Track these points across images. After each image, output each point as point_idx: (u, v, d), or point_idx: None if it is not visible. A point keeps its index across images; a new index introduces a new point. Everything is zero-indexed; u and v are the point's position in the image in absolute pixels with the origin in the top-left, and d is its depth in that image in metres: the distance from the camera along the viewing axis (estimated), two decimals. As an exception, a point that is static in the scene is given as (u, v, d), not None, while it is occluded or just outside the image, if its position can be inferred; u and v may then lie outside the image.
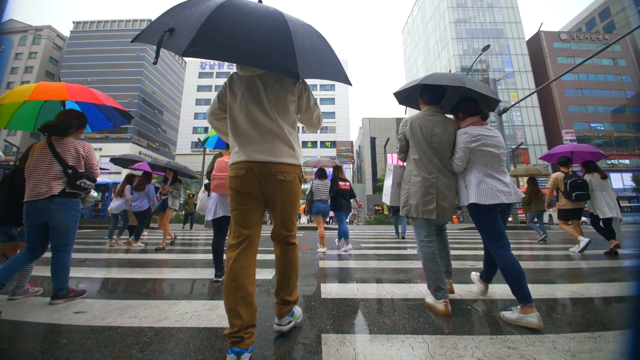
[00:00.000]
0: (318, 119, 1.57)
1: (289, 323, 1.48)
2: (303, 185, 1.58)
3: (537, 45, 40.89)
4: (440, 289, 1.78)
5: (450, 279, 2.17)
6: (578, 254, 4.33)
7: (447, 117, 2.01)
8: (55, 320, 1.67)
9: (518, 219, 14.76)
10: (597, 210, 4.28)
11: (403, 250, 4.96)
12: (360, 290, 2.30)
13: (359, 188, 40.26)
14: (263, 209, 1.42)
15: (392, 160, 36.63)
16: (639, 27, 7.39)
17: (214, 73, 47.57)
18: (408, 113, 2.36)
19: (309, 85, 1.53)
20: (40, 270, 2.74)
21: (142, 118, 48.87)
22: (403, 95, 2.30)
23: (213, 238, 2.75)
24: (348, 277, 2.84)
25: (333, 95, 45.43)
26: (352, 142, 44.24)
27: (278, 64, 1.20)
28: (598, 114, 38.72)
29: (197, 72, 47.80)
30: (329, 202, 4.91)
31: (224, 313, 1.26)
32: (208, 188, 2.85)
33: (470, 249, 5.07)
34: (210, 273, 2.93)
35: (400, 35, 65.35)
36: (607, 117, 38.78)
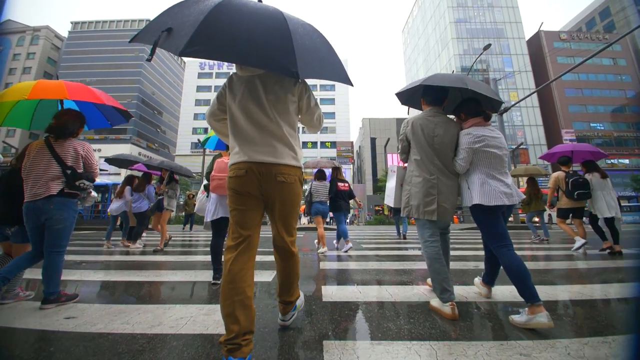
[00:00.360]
0: (319, 120, 1.55)
1: (292, 317, 1.56)
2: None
3: (537, 45, 40.87)
4: (447, 291, 1.72)
5: None
6: (581, 254, 4.32)
7: (449, 118, 1.99)
8: (44, 326, 1.60)
9: (519, 219, 14.72)
10: (596, 210, 4.28)
11: (404, 251, 4.89)
12: (362, 293, 2.23)
13: (359, 188, 40.19)
14: (263, 210, 1.39)
15: (392, 161, 36.63)
16: (639, 26, 7.36)
17: (214, 73, 47.47)
18: (411, 113, 2.36)
19: (309, 86, 1.51)
20: (33, 273, 2.66)
21: (141, 119, 48.74)
22: (406, 96, 2.28)
23: (212, 239, 2.69)
24: (349, 279, 2.77)
25: (333, 96, 45.36)
26: (352, 142, 44.16)
27: (277, 64, 1.17)
28: (598, 114, 38.70)
29: (196, 72, 47.68)
30: (328, 203, 4.91)
31: (221, 318, 1.19)
32: (207, 189, 2.81)
33: (471, 249, 5.01)
34: (209, 275, 2.85)
35: (401, 35, 65.43)
36: (606, 116, 38.76)
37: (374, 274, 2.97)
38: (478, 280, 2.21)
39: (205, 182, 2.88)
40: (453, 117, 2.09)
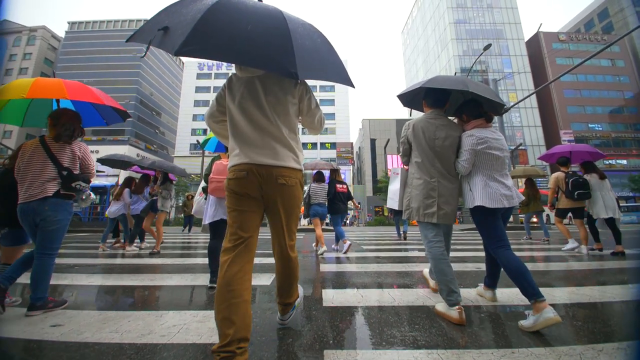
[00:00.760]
0: (320, 122, 1.53)
1: (291, 316, 1.56)
2: None
3: (536, 46, 40.99)
4: (453, 293, 1.66)
5: None
6: (585, 255, 4.29)
7: (450, 120, 1.98)
8: (29, 335, 1.51)
9: (518, 219, 14.69)
10: (593, 211, 4.31)
11: (405, 252, 4.81)
12: (364, 297, 2.14)
13: (359, 189, 40.13)
14: (263, 212, 1.36)
15: (392, 162, 36.59)
16: (638, 27, 7.35)
17: (213, 74, 47.32)
18: (413, 115, 2.32)
19: (310, 87, 1.49)
20: (21, 277, 2.55)
21: (139, 120, 48.43)
22: (408, 98, 2.28)
23: (210, 241, 2.62)
24: (350, 282, 2.69)
25: (333, 97, 45.30)
26: (352, 143, 44.10)
27: (276, 64, 1.14)
28: (596, 115, 38.81)
29: (195, 73, 47.50)
30: (326, 204, 4.93)
31: (216, 326, 1.11)
32: (206, 191, 2.74)
33: (471, 250, 4.92)
34: (206, 279, 2.77)
35: (400, 36, 65.57)
36: (605, 117, 38.88)
37: (375, 277, 2.89)
38: (480, 288, 2.16)
39: (204, 184, 2.82)
40: (454, 119, 2.08)
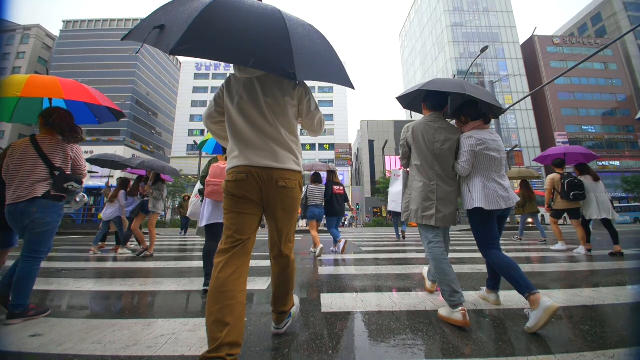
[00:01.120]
0: (320, 124, 1.52)
1: (287, 324, 1.49)
2: None
3: (531, 49, 41.48)
4: (456, 293, 1.63)
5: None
6: (583, 255, 4.29)
7: (450, 123, 2.00)
8: (4, 346, 1.40)
9: (515, 220, 14.73)
10: (586, 212, 4.36)
11: (405, 254, 4.74)
12: (364, 302, 2.06)
13: (358, 191, 40.08)
14: (260, 217, 1.33)
15: (390, 164, 36.67)
16: (630, 31, 7.45)
17: (210, 74, 47.06)
18: (414, 117, 2.30)
19: (309, 88, 1.46)
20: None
21: (135, 120, 47.90)
22: (407, 100, 2.30)
23: (205, 243, 2.53)
24: (349, 285, 2.60)
25: (331, 98, 45.29)
26: (350, 144, 44.09)
27: (273, 64, 1.12)
28: (590, 117, 39.36)
29: (192, 73, 47.17)
30: (323, 206, 4.92)
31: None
32: (202, 193, 2.66)
33: (468, 252, 4.86)
34: (199, 284, 2.66)
35: (398, 38, 65.98)
36: (598, 120, 39.45)
37: (375, 280, 2.80)
38: (483, 291, 2.10)
39: (200, 186, 2.74)
40: (453, 121, 2.10)
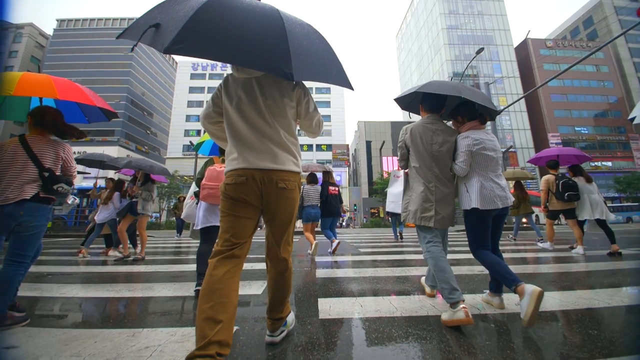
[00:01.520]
0: (318, 125, 1.50)
1: (282, 333, 1.42)
2: None
3: (524, 52, 42.04)
4: (455, 290, 1.62)
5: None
6: (582, 256, 4.30)
7: (447, 125, 2.02)
8: (-28, 361, 1.28)
9: (510, 221, 14.81)
10: (578, 213, 4.43)
11: (404, 255, 4.66)
12: (364, 307, 1.97)
13: (355, 191, 40.06)
14: (258, 220, 1.32)
15: (387, 164, 36.74)
16: (620, 35, 7.57)
17: (207, 74, 46.70)
18: (412, 117, 2.30)
19: (308, 89, 1.44)
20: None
21: (130, 120, 47.20)
22: (405, 102, 2.32)
23: (200, 245, 2.45)
24: (347, 289, 2.51)
25: (329, 99, 45.26)
26: (347, 145, 44.09)
27: (270, 64, 1.10)
28: (582, 118, 40.00)
29: (188, 73, 46.76)
30: (319, 206, 4.86)
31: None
32: (197, 195, 2.59)
33: (466, 253, 4.80)
34: (190, 288, 2.55)
35: (394, 40, 66.35)
36: (590, 121, 40.12)
37: (374, 283, 2.72)
38: (486, 295, 2.03)
39: (196, 188, 2.68)
40: (450, 122, 2.12)
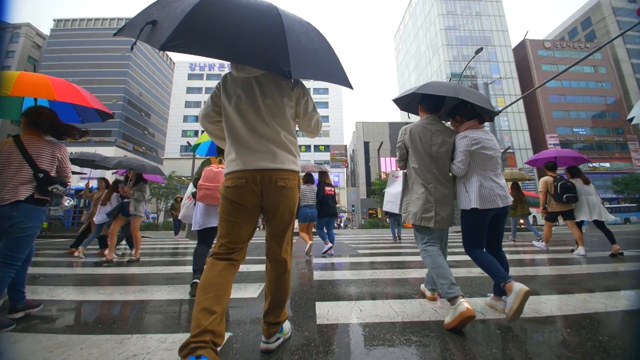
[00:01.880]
0: (317, 125, 1.49)
1: (277, 340, 1.36)
2: None
3: (522, 53, 42.18)
4: (454, 285, 1.64)
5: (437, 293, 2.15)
6: (583, 257, 4.26)
7: (446, 126, 2.03)
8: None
9: (508, 222, 14.84)
10: (576, 215, 4.44)
11: (403, 257, 4.60)
12: (364, 311, 1.90)
13: (353, 192, 40.01)
14: (257, 222, 1.33)
15: (385, 165, 36.71)
16: (619, 36, 7.58)
17: (204, 75, 46.58)
18: (411, 118, 2.31)
19: (307, 89, 1.43)
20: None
21: (127, 120, 46.93)
22: (404, 102, 2.33)
23: (197, 245, 2.49)
24: (346, 292, 2.44)
25: (327, 99, 45.23)
26: (345, 146, 44.06)
27: (268, 62, 1.08)
28: (580, 119, 40.13)
29: (186, 73, 46.58)
30: (315, 207, 4.85)
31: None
32: (195, 196, 2.59)
33: (464, 254, 4.76)
34: (184, 291, 2.48)
35: (393, 41, 66.41)
36: (588, 122, 40.24)
37: (374, 285, 2.65)
38: (490, 299, 1.98)
39: (193, 189, 2.67)
40: (448, 122, 2.12)
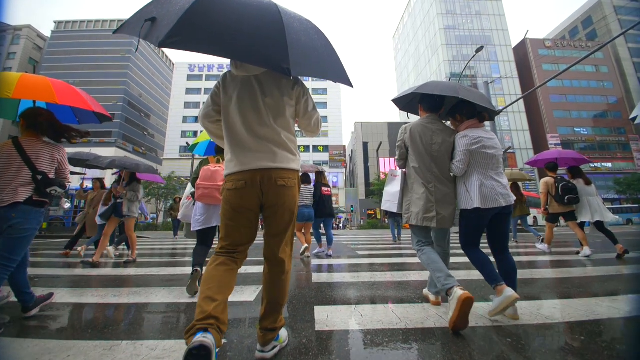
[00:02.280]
0: (317, 124, 1.49)
1: (274, 348, 1.30)
2: None
3: (523, 52, 42.08)
4: (450, 276, 1.68)
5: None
6: (587, 259, 4.18)
7: (446, 125, 2.02)
8: None
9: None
10: (578, 215, 4.39)
11: (403, 259, 4.53)
12: (365, 317, 1.83)
13: (352, 192, 39.93)
14: (257, 225, 1.32)
15: (384, 165, 36.61)
16: (620, 35, 7.51)
17: (204, 76, 46.57)
18: (410, 118, 2.35)
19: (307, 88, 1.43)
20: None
21: (127, 121, 46.96)
22: (403, 102, 2.31)
23: (196, 245, 2.53)
24: (346, 296, 2.37)
25: (325, 100, 45.18)
26: (344, 146, 44.00)
27: (267, 59, 1.09)
28: (582, 119, 39.97)
29: (185, 74, 46.57)
30: (312, 207, 4.82)
31: None
32: (194, 196, 2.59)
33: (463, 255, 4.69)
34: (179, 294, 2.41)
35: (391, 41, 66.33)
36: (590, 122, 40.06)
37: (374, 289, 2.58)
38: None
39: (192, 189, 2.68)
40: (448, 122, 2.10)
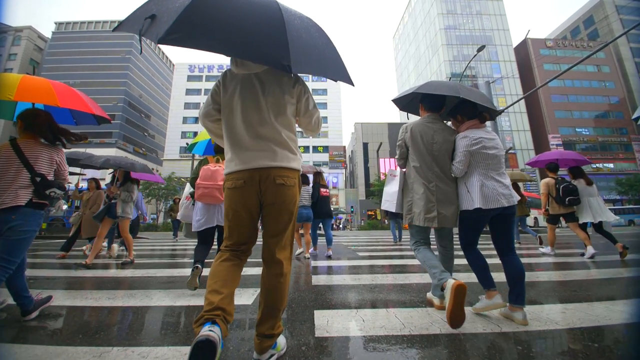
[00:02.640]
0: (317, 123, 1.47)
1: (271, 357, 1.26)
2: None
3: (524, 52, 41.97)
4: (445, 272, 1.71)
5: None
6: (591, 261, 4.10)
7: (446, 125, 2.00)
8: None
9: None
10: (579, 216, 4.35)
11: (405, 260, 4.46)
12: (367, 322, 1.75)
13: (352, 193, 39.84)
14: (258, 223, 1.32)
15: (384, 166, 36.52)
16: (622, 34, 7.44)
17: (204, 76, 46.57)
18: (410, 118, 2.33)
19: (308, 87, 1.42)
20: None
21: (127, 122, 47.03)
22: (404, 102, 2.30)
23: (197, 245, 2.56)
24: (346, 299, 2.29)
25: (325, 100, 45.13)
26: (344, 147, 43.92)
27: (267, 56, 1.09)
28: (583, 119, 39.82)
29: (185, 75, 46.59)
30: (311, 208, 4.81)
31: None
32: (193, 196, 2.60)
33: (463, 257, 4.61)
34: (176, 296, 2.34)
35: (392, 41, 66.28)
36: (591, 122, 39.91)
37: (376, 292, 2.51)
38: (505, 309, 1.78)
39: (191, 189, 2.66)
40: (449, 122, 2.09)
